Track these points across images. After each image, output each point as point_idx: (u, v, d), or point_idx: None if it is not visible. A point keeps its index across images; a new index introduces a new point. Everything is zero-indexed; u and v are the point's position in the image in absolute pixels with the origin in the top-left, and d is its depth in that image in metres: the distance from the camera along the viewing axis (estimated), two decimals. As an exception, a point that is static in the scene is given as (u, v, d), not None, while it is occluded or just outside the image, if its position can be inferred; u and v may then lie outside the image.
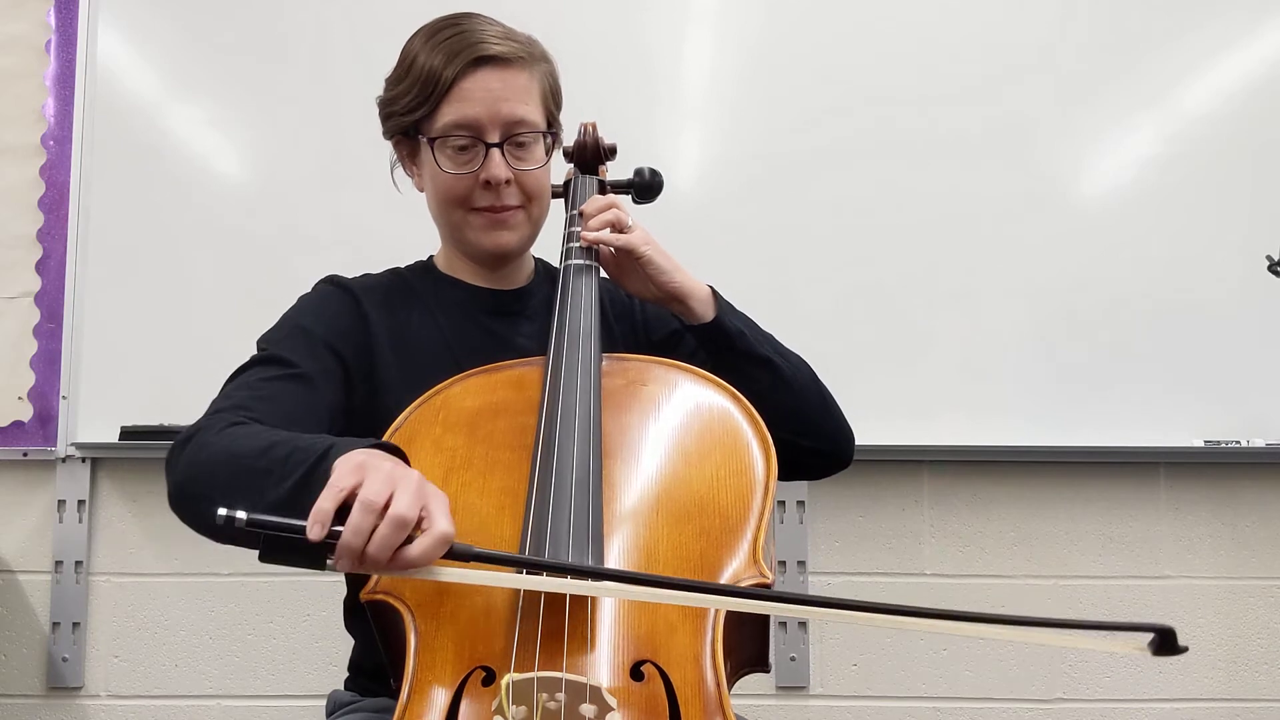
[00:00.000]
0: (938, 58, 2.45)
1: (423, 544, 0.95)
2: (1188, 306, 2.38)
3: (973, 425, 2.37)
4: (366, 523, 0.93)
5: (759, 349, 1.39)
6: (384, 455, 1.02)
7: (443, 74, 1.35)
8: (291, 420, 1.21)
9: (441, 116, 1.36)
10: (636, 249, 1.36)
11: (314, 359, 1.32)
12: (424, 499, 0.96)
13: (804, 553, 2.41)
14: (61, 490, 2.41)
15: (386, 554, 0.94)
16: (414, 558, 0.94)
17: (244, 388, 1.27)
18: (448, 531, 0.96)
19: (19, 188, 2.47)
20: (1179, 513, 2.44)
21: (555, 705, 0.97)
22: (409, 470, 1.00)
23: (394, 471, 0.97)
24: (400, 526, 0.94)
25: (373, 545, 0.93)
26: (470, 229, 1.41)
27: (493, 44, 1.36)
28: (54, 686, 2.39)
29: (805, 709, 2.39)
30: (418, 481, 0.97)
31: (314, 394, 1.29)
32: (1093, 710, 2.38)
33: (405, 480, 0.96)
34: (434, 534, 0.95)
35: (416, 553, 0.94)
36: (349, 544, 0.93)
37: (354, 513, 0.93)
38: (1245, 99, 2.44)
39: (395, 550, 0.94)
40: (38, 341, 2.43)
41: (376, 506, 0.94)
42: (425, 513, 0.96)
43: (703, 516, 1.14)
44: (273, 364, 1.30)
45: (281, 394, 1.27)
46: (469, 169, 1.37)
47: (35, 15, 2.51)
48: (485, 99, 1.35)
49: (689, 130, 2.50)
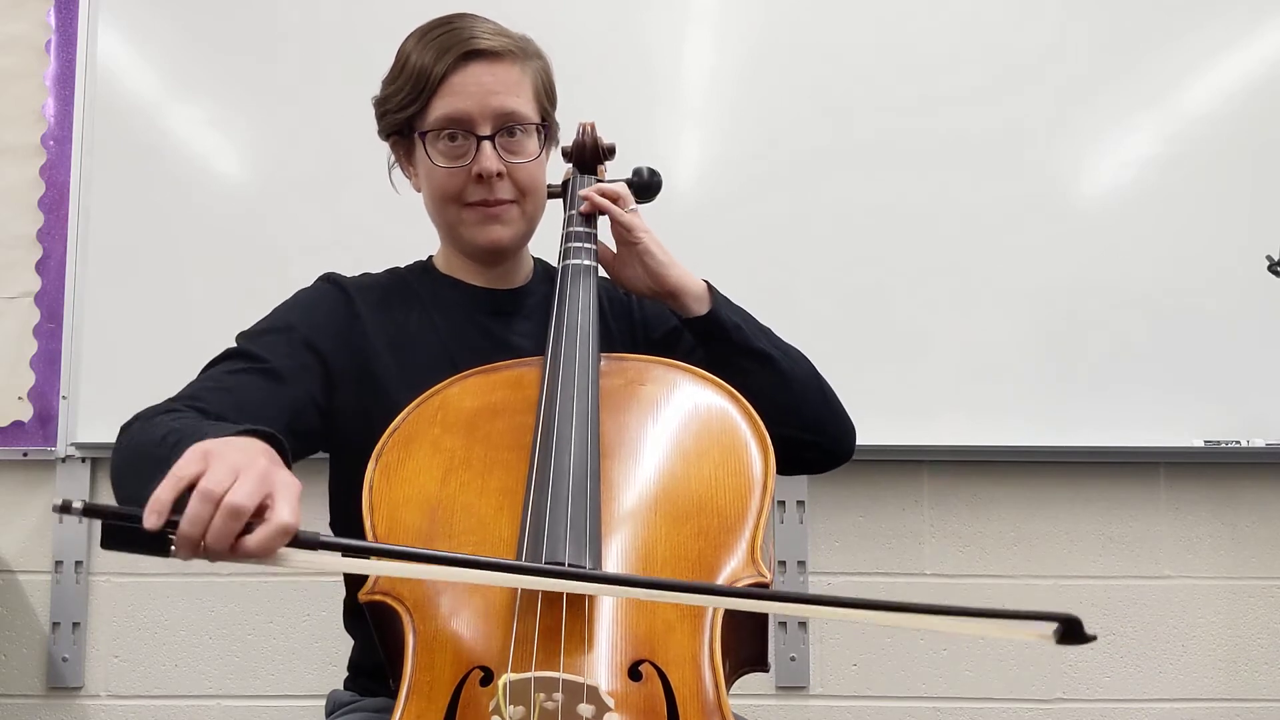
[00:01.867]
0: (938, 58, 2.45)
1: (260, 534, 0.92)
2: (1188, 306, 2.38)
3: (973, 425, 2.37)
4: (204, 512, 0.91)
5: (755, 343, 1.39)
6: (241, 443, 1.00)
7: (433, 69, 1.35)
8: (248, 413, 1.22)
9: (433, 111, 1.37)
10: (636, 230, 1.37)
11: (289, 355, 1.33)
12: (268, 487, 0.94)
13: (804, 553, 2.41)
14: (61, 490, 2.40)
15: (224, 543, 0.92)
16: (251, 548, 0.92)
17: (208, 379, 1.29)
18: (287, 522, 0.93)
19: (19, 188, 2.47)
20: (1179, 513, 2.43)
21: (553, 705, 0.97)
22: (257, 458, 0.97)
23: (239, 460, 0.95)
24: (235, 516, 0.91)
25: (209, 535, 0.91)
26: (464, 225, 1.41)
27: (483, 39, 1.37)
28: (54, 686, 2.39)
29: (805, 709, 2.39)
30: (262, 470, 0.95)
31: (279, 389, 1.30)
32: (1093, 710, 2.38)
33: (249, 468, 0.94)
34: (272, 524, 0.92)
35: (254, 543, 0.92)
36: (185, 533, 0.91)
37: (191, 501, 0.92)
38: (1245, 99, 2.43)
39: (235, 539, 0.92)
40: (38, 341, 2.43)
41: (214, 495, 0.91)
42: (269, 501, 0.93)
43: (701, 516, 1.14)
44: (241, 358, 1.32)
45: (241, 386, 1.28)
46: (461, 163, 1.37)
47: (35, 15, 2.51)
48: (476, 92, 1.36)
49: (689, 130, 2.50)
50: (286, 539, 0.93)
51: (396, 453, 1.19)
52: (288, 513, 0.93)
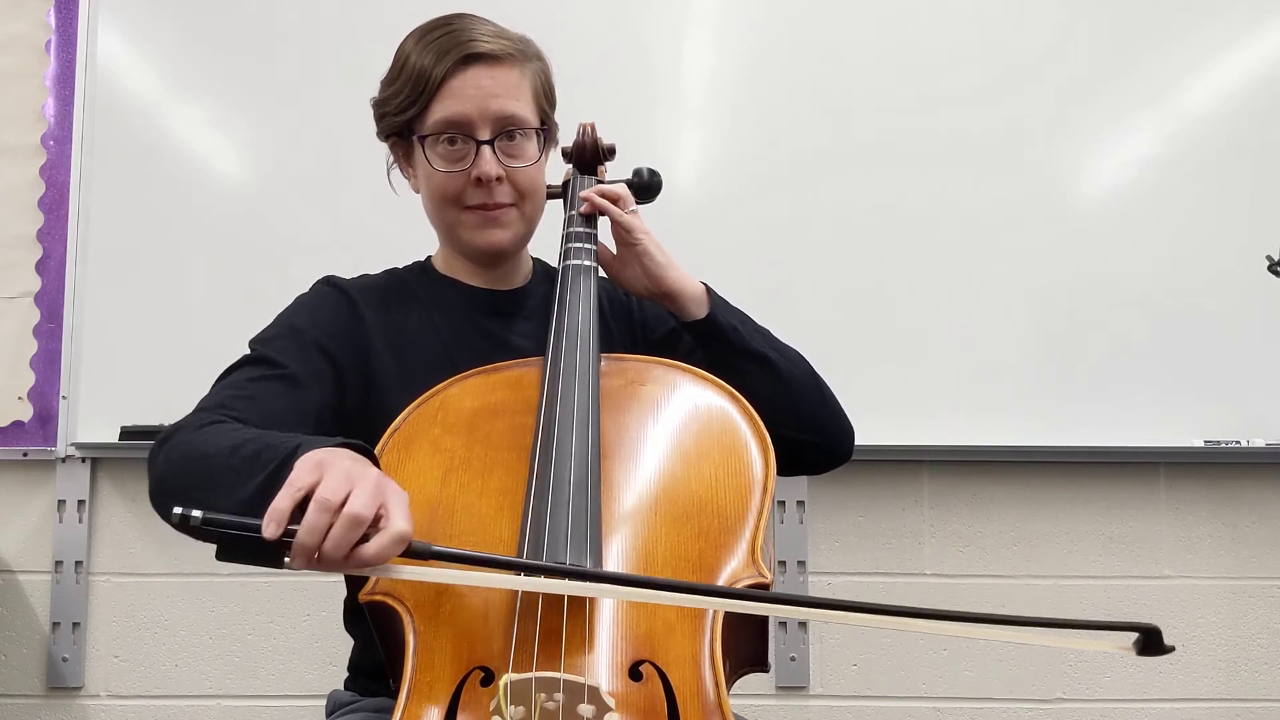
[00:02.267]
0: (938, 58, 2.45)
1: (378, 543, 0.94)
2: (1188, 306, 2.38)
3: (973, 425, 2.37)
4: (322, 521, 0.93)
5: (754, 344, 1.39)
6: (347, 454, 1.01)
7: (433, 72, 1.35)
8: (273, 420, 1.22)
9: (432, 114, 1.36)
10: (635, 231, 1.37)
11: (303, 360, 1.32)
12: (382, 497, 0.95)
13: (804, 553, 2.41)
14: (61, 490, 2.41)
15: (341, 552, 0.93)
16: (368, 557, 0.94)
17: (230, 387, 1.28)
18: (404, 530, 0.95)
19: (19, 188, 2.47)
20: (1179, 513, 2.43)
21: (553, 705, 0.97)
22: (369, 468, 0.99)
23: (352, 470, 0.97)
24: (355, 525, 0.93)
25: (328, 544, 0.93)
26: (464, 228, 1.41)
27: (483, 41, 1.36)
28: (54, 686, 2.39)
29: (805, 709, 2.39)
30: (376, 480, 0.97)
31: (300, 394, 1.29)
32: (1093, 710, 2.38)
33: (363, 479, 0.96)
34: (389, 533, 0.94)
35: (371, 551, 0.94)
36: (304, 542, 0.93)
37: (309, 511, 0.93)
38: (1245, 99, 2.43)
39: (351, 549, 0.93)
40: (38, 341, 2.43)
41: (332, 505, 0.93)
42: (383, 511, 0.95)
43: (701, 516, 1.14)
44: (260, 364, 1.31)
45: (265, 394, 1.27)
46: (460, 167, 1.37)
47: (35, 15, 2.51)
48: (475, 96, 1.35)
49: (689, 130, 2.50)
50: (403, 547, 0.95)
51: (397, 453, 1.19)
52: (403, 521, 0.95)
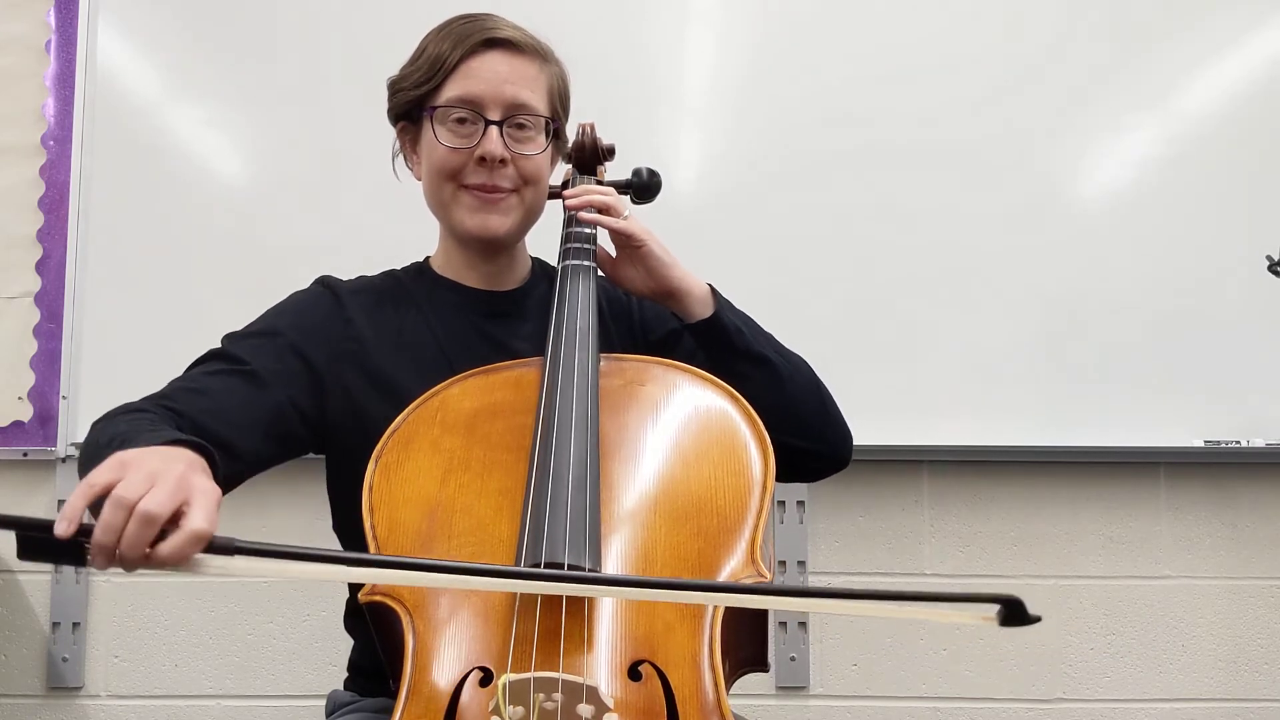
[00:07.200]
0: (938, 59, 2.45)
1: (174, 541, 0.92)
2: (1188, 307, 2.38)
3: (973, 425, 2.37)
4: (116, 519, 0.91)
5: (757, 348, 1.38)
6: (160, 452, 1.00)
7: (452, 53, 1.37)
8: (222, 415, 1.23)
9: (446, 91, 1.38)
10: (636, 235, 1.37)
11: (274, 359, 1.33)
12: (183, 495, 0.93)
13: (804, 553, 2.41)
14: (61, 490, 2.40)
15: (137, 551, 0.91)
16: (164, 555, 0.91)
17: (186, 380, 1.31)
18: (200, 528, 0.92)
19: (19, 188, 2.47)
20: (1179, 513, 2.43)
21: (552, 705, 0.97)
22: (173, 465, 0.97)
23: (157, 468, 0.95)
24: (148, 523, 0.91)
25: (123, 542, 0.91)
26: (459, 206, 1.40)
27: (506, 29, 1.38)
28: (54, 686, 2.39)
29: (805, 709, 2.39)
30: (178, 477, 0.94)
31: (258, 392, 1.30)
32: (1093, 710, 2.38)
33: (165, 476, 0.94)
34: (185, 531, 0.92)
35: (166, 550, 0.91)
36: (99, 541, 0.91)
37: (104, 509, 0.91)
38: (1245, 99, 2.43)
39: (149, 547, 0.92)
40: (38, 341, 2.43)
41: (127, 503, 0.91)
42: (185, 508, 0.93)
43: (700, 516, 1.14)
44: (221, 359, 1.33)
45: (216, 388, 1.28)
46: (466, 144, 1.37)
47: (35, 15, 2.51)
48: (491, 79, 1.37)
49: (689, 130, 2.50)
50: (200, 545, 0.92)
51: (396, 453, 1.20)
52: (201, 519, 0.92)
